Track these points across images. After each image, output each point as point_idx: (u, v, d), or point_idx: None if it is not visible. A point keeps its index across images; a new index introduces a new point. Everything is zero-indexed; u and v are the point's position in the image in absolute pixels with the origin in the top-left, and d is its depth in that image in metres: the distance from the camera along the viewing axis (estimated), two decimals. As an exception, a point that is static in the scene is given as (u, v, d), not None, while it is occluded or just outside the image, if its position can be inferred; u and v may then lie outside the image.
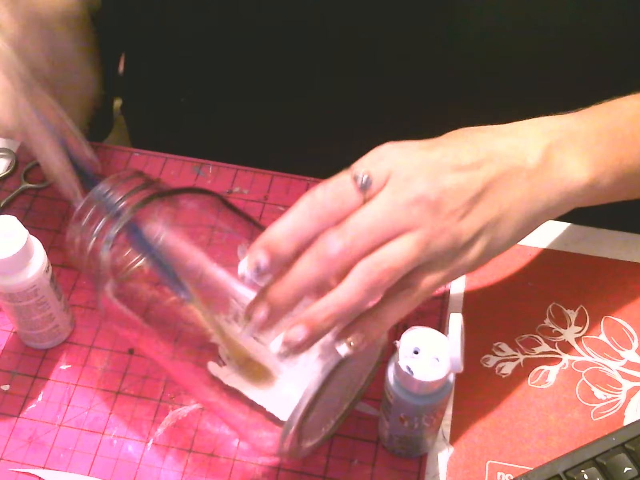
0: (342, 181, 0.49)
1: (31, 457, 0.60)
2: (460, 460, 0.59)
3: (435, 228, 0.49)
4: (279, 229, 0.48)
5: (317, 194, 0.49)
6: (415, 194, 0.49)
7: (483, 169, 0.52)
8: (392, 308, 0.50)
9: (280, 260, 0.48)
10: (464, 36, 0.68)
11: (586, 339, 0.64)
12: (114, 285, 0.57)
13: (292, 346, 0.48)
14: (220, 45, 0.75)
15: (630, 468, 0.55)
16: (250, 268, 0.48)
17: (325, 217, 0.48)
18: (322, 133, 0.77)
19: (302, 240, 0.48)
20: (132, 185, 0.58)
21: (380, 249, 0.48)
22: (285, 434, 0.52)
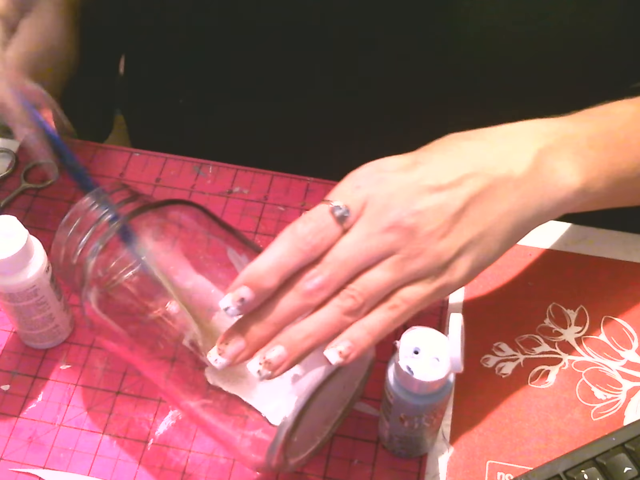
0: (320, 214, 0.50)
1: (31, 457, 0.60)
2: (460, 460, 0.59)
3: (411, 252, 0.49)
4: (262, 264, 0.48)
5: (297, 229, 0.49)
6: (389, 222, 0.49)
7: (465, 185, 0.51)
8: (380, 321, 0.50)
9: (263, 294, 0.48)
10: (464, 36, 0.68)
11: (586, 339, 0.64)
12: (99, 296, 0.57)
13: (271, 367, 0.48)
14: (220, 46, 0.75)
15: (630, 468, 0.55)
16: (234, 302, 0.48)
17: (307, 251, 0.49)
18: (322, 133, 0.77)
19: (285, 274, 0.49)
20: (118, 197, 0.58)
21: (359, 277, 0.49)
22: (271, 453, 0.51)
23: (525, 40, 0.68)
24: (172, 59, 0.80)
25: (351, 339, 0.49)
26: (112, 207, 0.57)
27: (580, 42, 0.67)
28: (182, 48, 0.78)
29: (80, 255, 0.57)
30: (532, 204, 0.53)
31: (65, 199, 0.72)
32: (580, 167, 0.55)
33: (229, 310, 0.48)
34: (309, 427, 0.53)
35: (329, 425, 0.57)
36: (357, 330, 0.49)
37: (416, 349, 0.52)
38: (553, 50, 0.68)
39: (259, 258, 0.49)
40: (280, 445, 0.51)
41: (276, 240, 0.49)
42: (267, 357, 0.48)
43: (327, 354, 0.49)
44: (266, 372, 0.48)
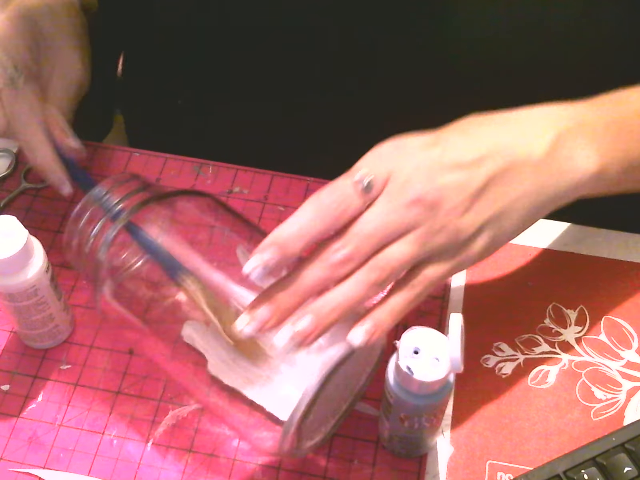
0: (345, 185, 0.50)
1: (31, 457, 0.60)
2: (460, 460, 0.59)
3: (433, 226, 0.51)
4: (287, 230, 0.49)
5: (322, 198, 0.50)
6: (412, 196, 0.50)
7: (485, 165, 0.52)
8: (401, 300, 0.51)
9: (287, 260, 0.49)
10: (464, 38, 0.68)
11: (586, 339, 0.64)
12: (112, 286, 0.57)
13: (300, 337, 0.49)
14: (220, 46, 0.75)
15: (630, 468, 0.55)
16: (257, 267, 0.49)
17: (330, 220, 0.50)
18: (321, 133, 0.77)
19: (309, 242, 0.49)
20: (129, 188, 0.58)
21: (382, 251, 0.50)
22: (285, 434, 0.52)
23: (526, 43, 0.68)
24: (171, 58, 0.80)
25: (374, 319, 0.50)
26: (123, 198, 0.57)
27: (581, 44, 0.67)
28: (182, 48, 0.78)
29: (93, 246, 0.57)
30: (549, 187, 0.54)
31: (65, 199, 0.72)
32: (596, 153, 0.56)
33: (253, 273, 0.49)
34: (322, 408, 0.53)
35: (340, 411, 0.58)
36: (379, 311, 0.51)
37: (416, 349, 0.52)
38: (554, 53, 0.68)
39: (283, 224, 0.49)
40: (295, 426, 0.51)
41: (301, 207, 0.50)
42: (297, 327, 0.49)
43: (353, 334, 0.50)
44: (295, 342, 0.49)
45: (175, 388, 0.62)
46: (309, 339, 0.49)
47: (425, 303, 0.65)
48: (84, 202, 0.58)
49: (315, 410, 0.52)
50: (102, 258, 0.56)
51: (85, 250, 0.57)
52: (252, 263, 0.49)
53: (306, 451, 0.56)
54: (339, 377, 0.52)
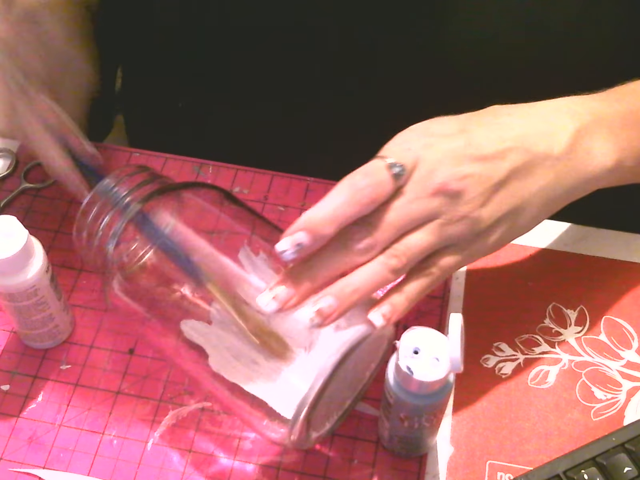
0: (378, 169, 0.51)
1: (31, 457, 0.60)
2: (460, 460, 0.59)
3: (454, 216, 0.52)
4: (320, 211, 0.50)
5: (357, 181, 0.51)
6: (436, 185, 0.52)
7: (507, 158, 0.54)
8: (416, 285, 0.53)
9: (320, 241, 0.50)
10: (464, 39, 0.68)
11: (586, 339, 0.64)
12: (121, 278, 0.57)
13: (322, 316, 0.50)
14: (220, 46, 0.75)
15: (630, 468, 0.55)
16: (291, 246, 0.50)
17: (364, 204, 0.51)
18: (321, 133, 0.77)
19: (342, 224, 0.50)
20: (137, 179, 0.58)
21: (402, 239, 0.52)
22: (294, 421, 0.52)
23: (526, 43, 0.68)
24: (171, 59, 0.80)
25: (391, 304, 0.52)
26: (132, 189, 0.57)
27: (581, 45, 0.67)
28: (182, 48, 0.78)
29: (102, 238, 0.57)
30: (566, 182, 0.56)
31: (65, 199, 0.72)
32: (613, 147, 0.57)
33: (285, 254, 0.50)
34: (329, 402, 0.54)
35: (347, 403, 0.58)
36: (396, 295, 0.52)
37: (416, 349, 0.52)
38: (554, 53, 0.68)
39: (317, 206, 0.50)
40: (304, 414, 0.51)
41: (334, 190, 0.51)
42: (319, 306, 0.50)
43: (372, 317, 0.51)
44: (318, 320, 0.50)
45: (176, 387, 0.62)
46: (330, 318, 0.50)
47: (425, 303, 0.66)
48: (92, 194, 0.58)
49: (324, 401, 0.52)
50: (111, 250, 0.56)
51: (94, 243, 0.57)
52: (283, 245, 0.50)
53: (312, 442, 0.56)
54: (347, 368, 0.52)
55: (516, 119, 0.56)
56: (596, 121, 0.57)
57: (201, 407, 0.62)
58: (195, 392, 0.62)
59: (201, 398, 0.62)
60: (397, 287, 0.53)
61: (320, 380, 0.51)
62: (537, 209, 0.55)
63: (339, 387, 0.54)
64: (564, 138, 0.55)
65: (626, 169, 0.58)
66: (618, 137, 0.57)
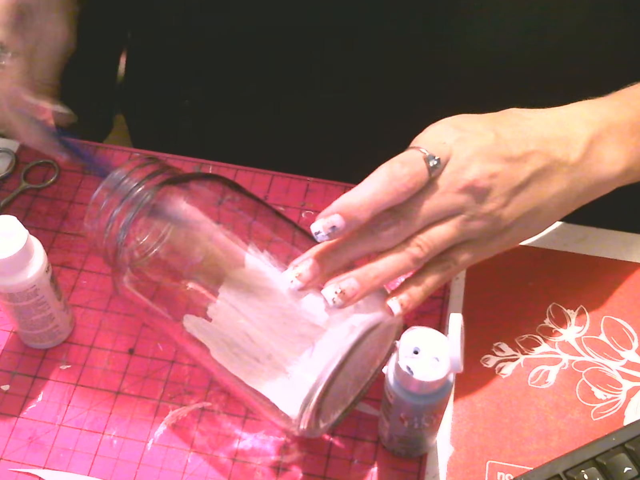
0: (416, 159, 0.52)
1: (31, 457, 0.60)
2: (460, 460, 0.59)
3: (477, 212, 0.54)
4: (358, 196, 0.51)
5: (395, 170, 0.51)
6: (466, 182, 0.53)
7: (531, 161, 0.55)
8: (432, 277, 0.54)
9: (354, 226, 0.51)
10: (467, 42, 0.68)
11: (586, 339, 0.64)
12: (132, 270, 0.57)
13: (344, 297, 0.51)
14: (220, 46, 0.75)
15: (630, 468, 0.55)
16: (325, 228, 0.50)
17: (401, 193, 0.51)
18: (322, 133, 0.77)
19: (377, 211, 0.51)
20: (147, 171, 0.58)
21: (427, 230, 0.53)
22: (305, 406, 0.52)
23: (529, 50, 0.68)
24: (172, 59, 0.80)
25: (409, 293, 0.53)
26: (143, 180, 0.58)
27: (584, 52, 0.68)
28: (182, 48, 0.78)
29: (113, 229, 0.57)
30: (579, 188, 0.58)
31: (65, 199, 0.72)
32: (623, 154, 0.59)
33: (318, 235, 0.51)
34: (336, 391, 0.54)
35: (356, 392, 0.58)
36: (413, 286, 0.54)
37: (416, 349, 0.52)
38: (556, 60, 0.68)
39: (354, 190, 0.51)
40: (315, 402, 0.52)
41: (372, 176, 0.52)
42: (342, 287, 0.51)
43: (391, 304, 0.53)
44: (340, 300, 0.51)
45: (176, 387, 0.62)
46: (352, 300, 0.51)
47: (425, 303, 0.65)
48: (103, 185, 0.58)
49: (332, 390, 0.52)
50: (122, 240, 0.56)
51: (105, 234, 0.57)
52: (318, 226, 0.51)
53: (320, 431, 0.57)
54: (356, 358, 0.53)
55: (536, 122, 0.57)
56: (607, 128, 0.58)
57: (201, 407, 0.62)
58: (195, 391, 0.62)
59: (201, 398, 0.62)
60: (414, 277, 0.54)
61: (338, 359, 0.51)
62: (551, 212, 0.57)
63: (346, 379, 0.55)
64: (579, 145, 0.57)
65: (634, 173, 0.60)
66: (627, 144, 0.59)
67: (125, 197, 0.57)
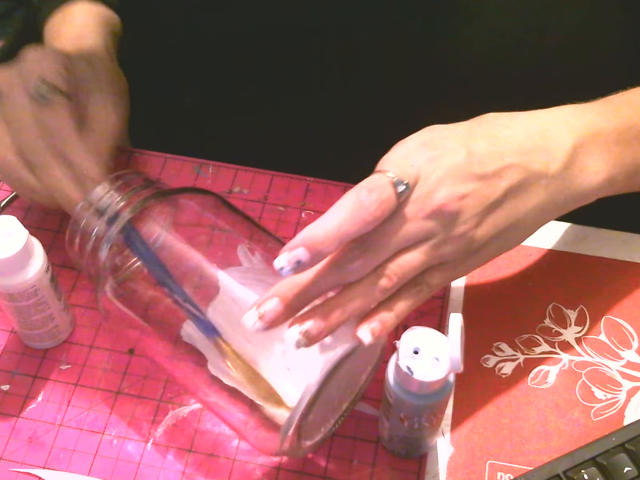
0: (383, 185, 0.50)
1: (31, 457, 0.60)
2: (460, 460, 0.59)
3: (449, 236, 0.52)
4: (323, 228, 0.48)
5: (361, 197, 0.49)
6: (434, 206, 0.51)
7: (506, 176, 0.53)
8: (405, 302, 0.52)
9: (319, 259, 0.49)
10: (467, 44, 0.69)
11: (586, 339, 0.64)
12: (113, 285, 0.57)
13: (308, 337, 0.49)
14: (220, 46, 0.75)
15: (630, 468, 0.55)
16: (290, 263, 0.48)
17: (369, 222, 0.49)
18: (322, 133, 0.77)
19: (343, 242, 0.49)
20: (131, 185, 0.58)
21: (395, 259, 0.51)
22: (285, 433, 0.52)
23: (528, 51, 0.68)
24: (172, 58, 0.80)
25: (381, 320, 0.51)
26: (124, 196, 0.57)
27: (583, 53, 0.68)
28: (182, 48, 0.78)
29: (94, 244, 0.57)
30: (559, 200, 0.56)
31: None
32: (607, 164, 0.57)
33: (283, 270, 0.48)
34: (322, 409, 0.53)
35: (340, 410, 0.58)
36: (385, 313, 0.51)
37: (416, 349, 0.52)
38: (556, 61, 0.68)
39: (318, 222, 0.49)
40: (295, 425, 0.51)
41: (338, 205, 0.49)
42: (305, 327, 0.49)
43: (360, 334, 0.50)
44: (304, 341, 0.49)
45: (176, 387, 0.62)
46: (317, 338, 0.50)
47: (425, 303, 0.65)
48: (86, 200, 0.58)
49: (316, 410, 0.52)
50: (103, 256, 0.56)
51: (87, 249, 0.57)
52: (282, 261, 0.48)
53: (306, 451, 0.56)
54: (339, 376, 0.52)
55: (515, 131, 0.55)
56: (592, 136, 0.56)
57: (201, 407, 0.62)
58: (195, 392, 0.62)
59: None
60: (386, 302, 0.52)
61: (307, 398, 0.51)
62: (529, 226, 0.55)
63: (332, 394, 0.54)
64: (561, 154, 0.55)
65: (617, 184, 0.58)
66: (611, 154, 0.57)
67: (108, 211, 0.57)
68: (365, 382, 0.58)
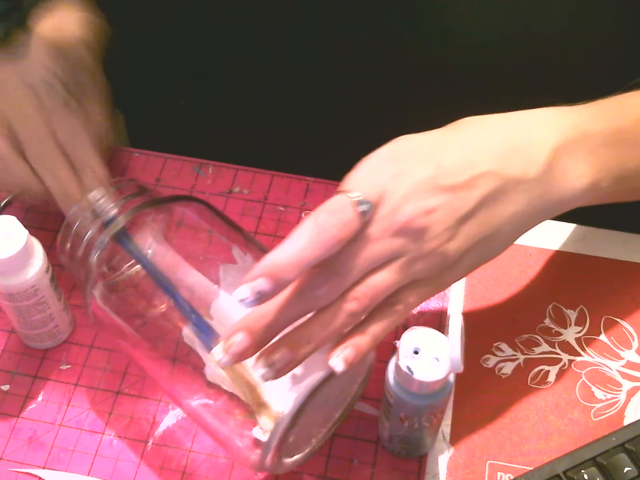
0: (343, 206, 0.48)
1: (31, 457, 0.60)
2: (460, 460, 0.59)
3: (419, 253, 0.49)
4: (283, 256, 0.46)
5: (321, 221, 0.47)
6: (400, 223, 0.49)
7: (479, 185, 0.50)
8: (380, 323, 0.50)
9: (282, 287, 0.47)
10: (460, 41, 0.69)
11: (586, 339, 0.64)
12: (103, 291, 0.57)
13: (275, 369, 0.48)
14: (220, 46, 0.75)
15: (630, 468, 0.55)
16: (252, 293, 0.46)
17: (330, 246, 0.47)
18: (322, 133, 0.77)
19: (305, 268, 0.47)
20: (124, 192, 0.58)
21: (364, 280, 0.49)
22: (265, 453, 0.51)
23: (520, 47, 0.68)
24: (171, 59, 0.80)
25: (354, 345, 0.49)
26: (117, 203, 0.57)
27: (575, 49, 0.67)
28: (182, 48, 0.78)
29: (85, 250, 0.57)
30: (540, 207, 0.53)
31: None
32: (592, 168, 0.54)
33: (245, 302, 0.46)
34: (306, 427, 0.53)
35: (327, 427, 0.57)
36: (359, 336, 0.49)
37: (416, 349, 0.52)
38: (548, 57, 0.68)
39: (279, 249, 0.47)
40: (275, 445, 0.51)
41: (298, 231, 0.47)
42: (272, 359, 0.48)
43: (332, 363, 0.48)
44: (272, 374, 0.48)
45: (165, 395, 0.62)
46: (284, 370, 0.48)
47: (425, 303, 0.66)
48: (78, 206, 0.58)
49: (298, 429, 0.51)
50: (93, 263, 0.56)
51: (77, 255, 0.57)
52: (243, 292, 0.46)
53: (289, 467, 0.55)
54: (321, 397, 0.51)
55: (493, 136, 0.52)
56: (577, 139, 0.53)
57: (201, 407, 0.62)
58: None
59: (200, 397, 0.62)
60: (360, 326, 0.49)
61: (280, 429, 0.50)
62: (508, 235, 0.52)
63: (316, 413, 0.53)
64: (542, 156, 0.52)
65: (601, 190, 0.55)
66: (596, 157, 0.54)
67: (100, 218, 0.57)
68: (357, 391, 0.57)
